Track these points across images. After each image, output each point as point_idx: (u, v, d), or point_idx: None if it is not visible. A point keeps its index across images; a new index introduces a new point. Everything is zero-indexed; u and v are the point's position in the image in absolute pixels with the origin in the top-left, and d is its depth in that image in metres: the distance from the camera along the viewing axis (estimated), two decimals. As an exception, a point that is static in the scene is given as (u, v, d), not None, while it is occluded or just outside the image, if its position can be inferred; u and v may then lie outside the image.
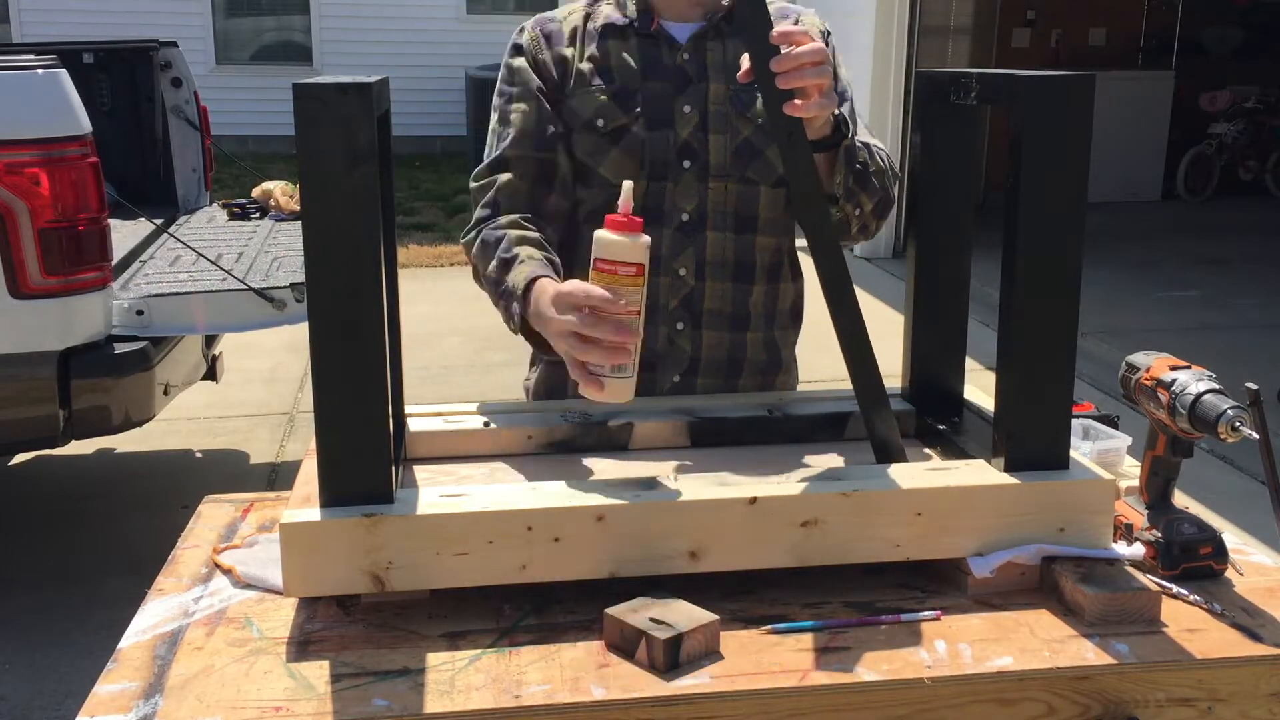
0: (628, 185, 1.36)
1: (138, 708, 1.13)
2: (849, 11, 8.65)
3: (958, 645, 1.23)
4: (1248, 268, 8.09)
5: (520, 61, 1.80)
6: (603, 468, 1.51)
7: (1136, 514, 1.45)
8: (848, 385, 1.48)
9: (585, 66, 1.77)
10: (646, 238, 1.34)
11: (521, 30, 1.83)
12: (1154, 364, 1.42)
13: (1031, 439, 1.34)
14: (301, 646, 1.23)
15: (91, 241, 3.29)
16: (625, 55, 1.77)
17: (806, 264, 1.89)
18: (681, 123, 1.74)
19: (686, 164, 1.74)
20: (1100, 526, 1.34)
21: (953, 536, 1.32)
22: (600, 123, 1.74)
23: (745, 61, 1.44)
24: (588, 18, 1.81)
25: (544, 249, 1.67)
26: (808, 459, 1.56)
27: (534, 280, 1.55)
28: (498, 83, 1.83)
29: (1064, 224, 1.31)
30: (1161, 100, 10.59)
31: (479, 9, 14.02)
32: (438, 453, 1.56)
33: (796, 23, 1.82)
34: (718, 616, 1.22)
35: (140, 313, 3.45)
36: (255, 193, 5.00)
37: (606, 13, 1.80)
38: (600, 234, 1.34)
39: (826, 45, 1.81)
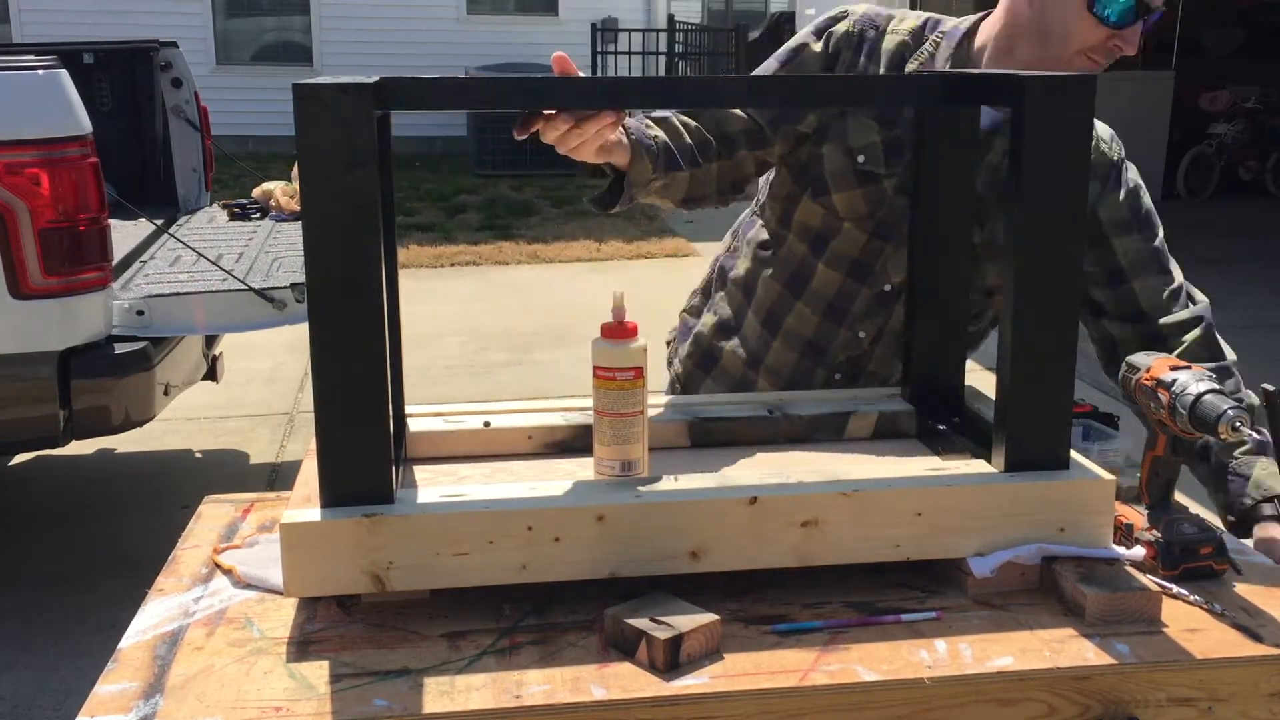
0: (618, 294, 1.40)
1: (138, 708, 1.13)
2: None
3: (958, 645, 1.23)
4: (1248, 268, 8.09)
5: (818, 47, 1.75)
6: (603, 468, 1.51)
7: (1136, 514, 1.45)
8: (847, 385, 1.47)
9: None
10: (643, 341, 1.38)
11: (844, 15, 1.75)
12: (1154, 364, 1.43)
13: (1031, 439, 1.34)
14: (301, 646, 1.23)
15: (91, 241, 3.29)
16: None
17: None
18: None
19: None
20: (1100, 526, 1.34)
21: (953, 536, 1.32)
22: (861, 159, 1.72)
23: None
24: (913, 44, 1.72)
25: (676, 133, 1.68)
26: (808, 459, 1.56)
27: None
28: (788, 41, 1.78)
29: (1064, 224, 1.31)
30: (1161, 100, 10.58)
31: (479, 9, 14.03)
32: (438, 453, 1.56)
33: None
34: (718, 616, 1.22)
35: (140, 313, 3.45)
36: (255, 193, 5.00)
37: (933, 51, 1.71)
38: (597, 342, 1.38)
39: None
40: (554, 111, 1.40)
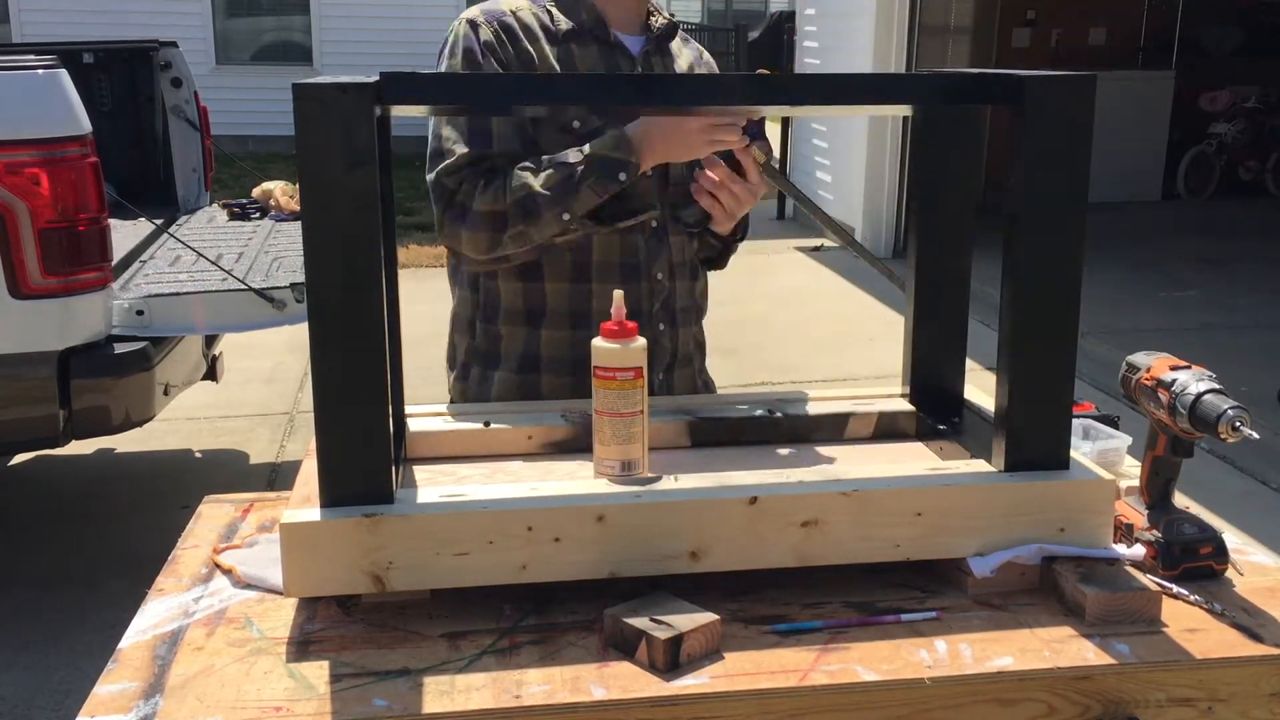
0: (618, 294, 1.40)
1: (138, 708, 1.13)
2: (849, 12, 8.65)
3: (958, 645, 1.23)
4: (1248, 268, 8.08)
5: (489, 61, 1.75)
6: (603, 468, 1.51)
7: (1136, 514, 1.45)
8: (848, 385, 1.48)
9: (556, 67, 1.77)
10: (642, 340, 1.38)
11: (474, 25, 1.77)
12: (1154, 364, 1.42)
13: (1031, 439, 1.34)
14: (301, 646, 1.23)
15: (91, 241, 3.28)
16: (590, 61, 1.79)
17: None
18: None
19: (649, 172, 1.78)
20: (1100, 526, 1.34)
21: (953, 536, 1.32)
22: (576, 124, 1.75)
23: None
24: (539, 17, 1.79)
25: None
26: (808, 459, 1.56)
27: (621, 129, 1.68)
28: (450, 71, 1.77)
29: (1064, 224, 1.31)
30: (1161, 100, 10.58)
31: (479, 9, 14.00)
32: (438, 453, 1.56)
33: (702, 58, 1.95)
34: (718, 616, 1.22)
35: (140, 313, 3.44)
36: (255, 193, 4.99)
37: (559, 16, 1.80)
38: (597, 342, 1.38)
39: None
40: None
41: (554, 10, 1.81)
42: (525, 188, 1.69)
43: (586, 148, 1.70)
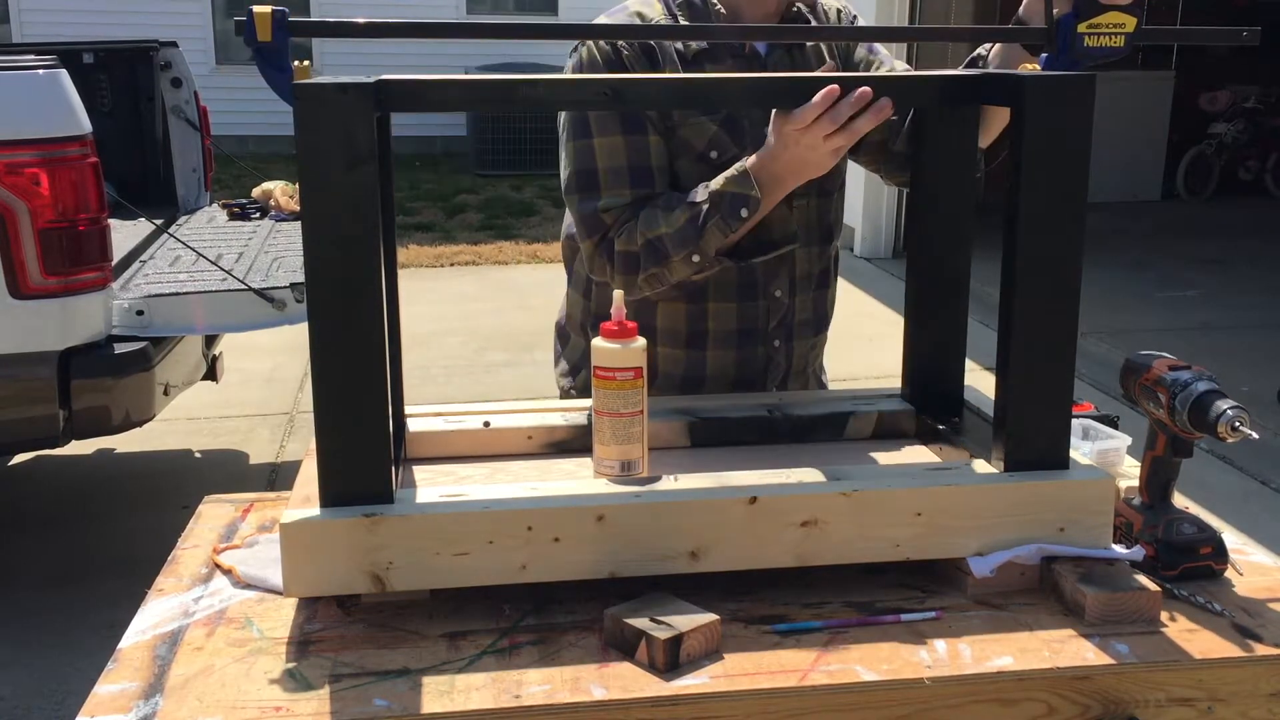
0: (618, 294, 1.39)
1: (138, 708, 1.13)
2: (849, 11, 8.64)
3: (958, 645, 1.23)
4: (1248, 268, 8.09)
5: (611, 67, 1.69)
6: (603, 468, 1.51)
7: (1136, 514, 1.45)
8: (846, 385, 1.48)
9: None
10: (642, 340, 1.37)
11: (615, 48, 1.69)
12: (1154, 364, 1.42)
13: (1031, 439, 1.34)
14: (301, 646, 1.23)
15: (91, 241, 3.29)
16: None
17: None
18: None
19: (785, 203, 1.70)
20: (1100, 526, 1.34)
21: (953, 536, 1.32)
22: (714, 154, 1.70)
23: None
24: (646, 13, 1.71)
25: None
26: (808, 459, 1.56)
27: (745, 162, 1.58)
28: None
29: (1064, 224, 1.31)
30: (1161, 100, 10.58)
31: (479, 8, 14.01)
32: (438, 453, 1.56)
33: (813, 8, 1.80)
34: (718, 616, 1.22)
35: (140, 313, 3.44)
36: (255, 193, 5.00)
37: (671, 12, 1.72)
38: (597, 342, 1.37)
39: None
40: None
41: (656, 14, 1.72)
42: (654, 230, 1.63)
43: (713, 183, 1.62)
